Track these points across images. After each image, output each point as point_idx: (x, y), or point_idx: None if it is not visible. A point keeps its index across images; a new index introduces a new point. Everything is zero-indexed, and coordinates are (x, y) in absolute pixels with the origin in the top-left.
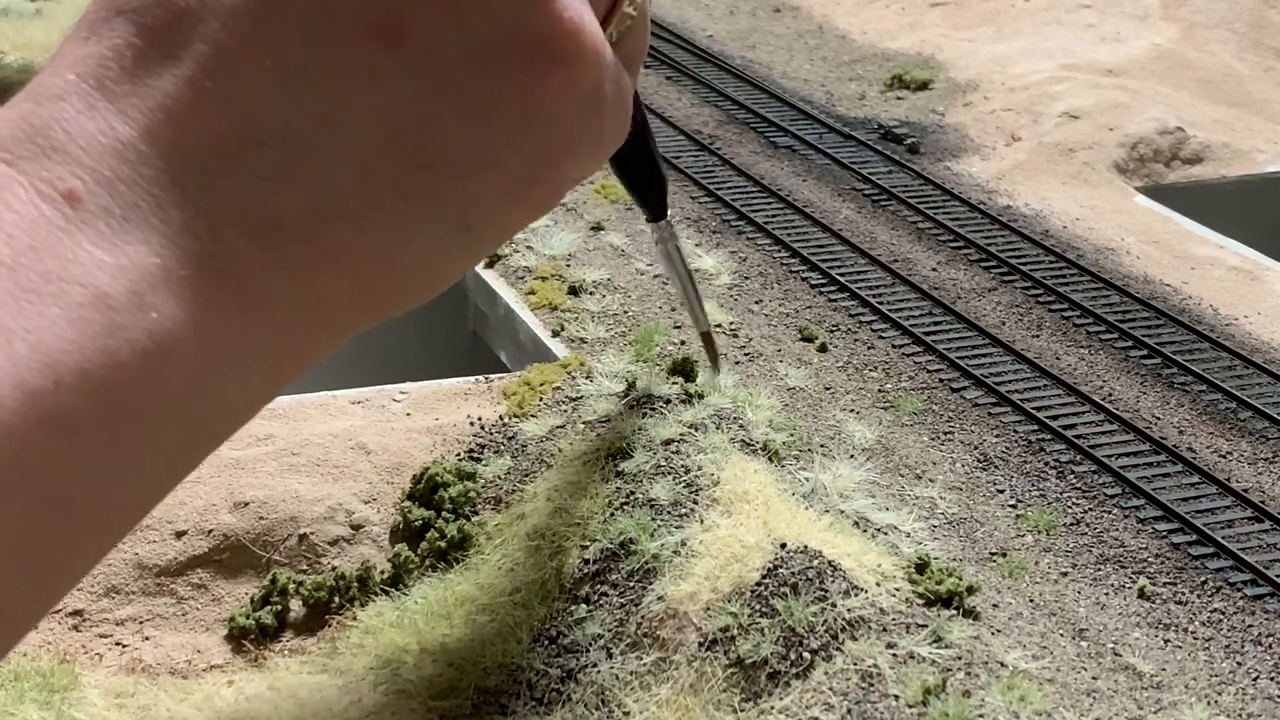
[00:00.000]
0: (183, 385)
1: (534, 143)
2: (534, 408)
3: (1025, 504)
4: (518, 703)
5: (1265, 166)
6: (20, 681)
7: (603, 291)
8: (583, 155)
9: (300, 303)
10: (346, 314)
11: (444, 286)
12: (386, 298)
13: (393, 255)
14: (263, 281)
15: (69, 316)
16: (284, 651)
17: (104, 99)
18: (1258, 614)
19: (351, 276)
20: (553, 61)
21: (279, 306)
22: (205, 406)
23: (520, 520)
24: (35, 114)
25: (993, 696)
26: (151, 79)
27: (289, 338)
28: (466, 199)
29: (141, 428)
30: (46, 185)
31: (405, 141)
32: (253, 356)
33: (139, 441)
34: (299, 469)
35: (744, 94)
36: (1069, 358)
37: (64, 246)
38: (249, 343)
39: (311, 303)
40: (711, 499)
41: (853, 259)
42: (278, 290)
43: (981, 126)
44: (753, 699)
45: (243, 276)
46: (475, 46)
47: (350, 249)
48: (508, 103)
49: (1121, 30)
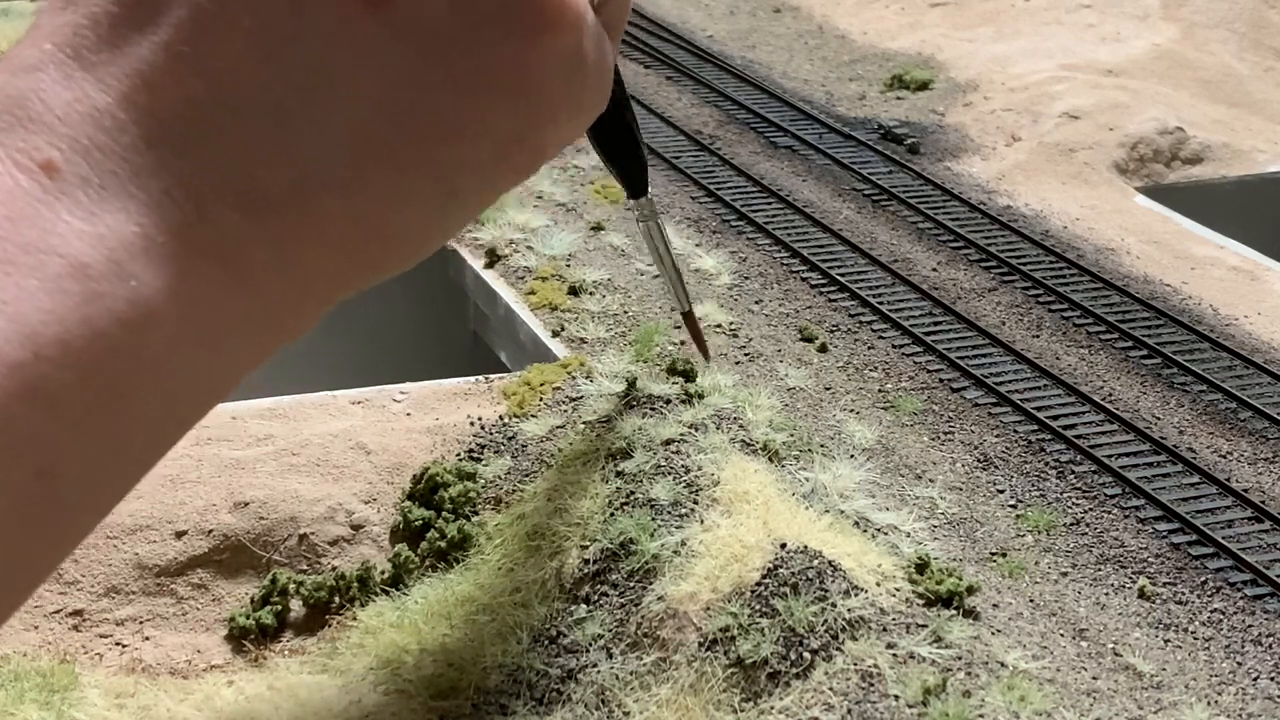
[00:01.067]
0: (164, 355)
1: (520, 107)
2: (534, 408)
3: (1025, 504)
4: (518, 703)
5: (1265, 166)
6: (20, 681)
7: (603, 292)
8: (566, 120)
9: (288, 274)
10: (333, 283)
11: (429, 252)
12: (373, 265)
13: (381, 225)
14: (250, 253)
15: (48, 288)
16: (284, 651)
17: (80, 68)
18: (1258, 614)
19: (339, 247)
20: (538, 27)
21: (266, 278)
22: (187, 378)
23: (520, 520)
24: (11, 84)
25: (993, 696)
26: (129, 46)
27: (276, 308)
28: (455, 165)
29: (123, 399)
30: (23, 156)
31: (395, 111)
32: (237, 327)
33: (121, 413)
34: (299, 469)
35: (744, 94)
36: (1069, 358)
37: (42, 217)
38: (234, 314)
39: (299, 274)
40: (711, 499)
41: (853, 259)
42: (265, 262)
43: (981, 126)
44: (753, 699)
45: (229, 249)
46: (462, 14)
47: (339, 220)
48: (495, 69)
49: (1121, 30)
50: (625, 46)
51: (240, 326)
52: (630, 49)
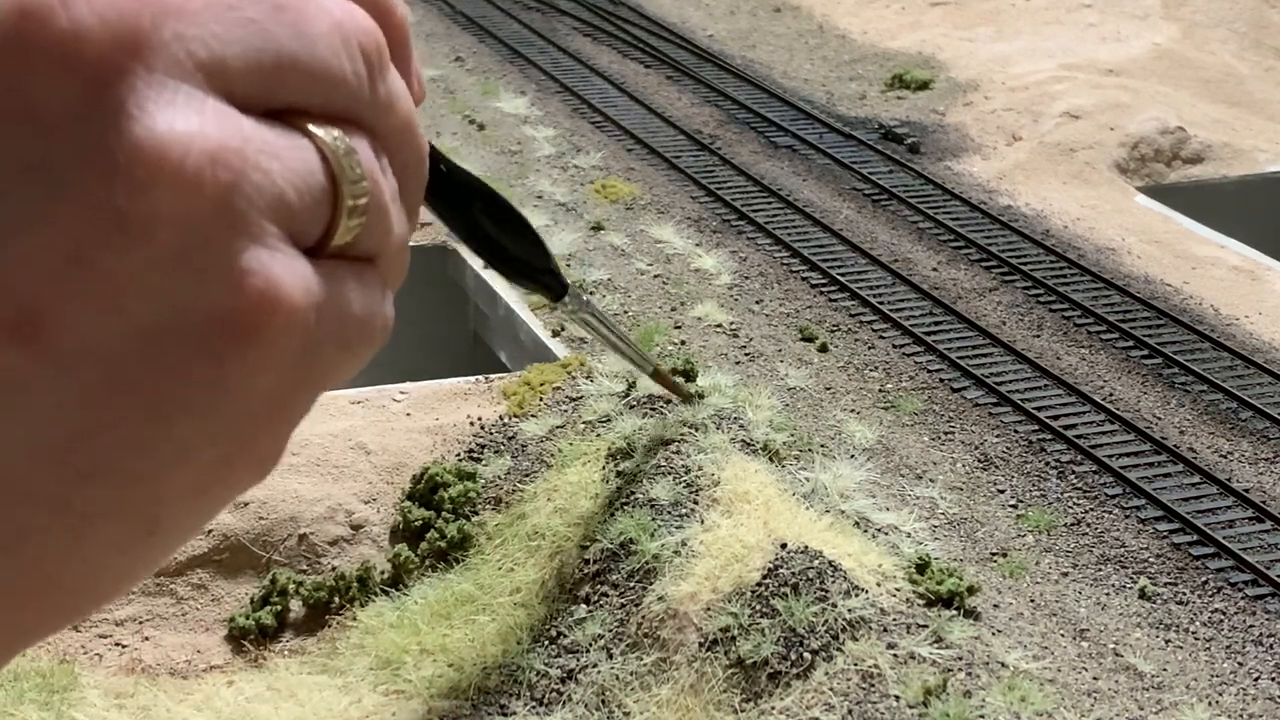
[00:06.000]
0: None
1: (225, 427)
2: (534, 408)
3: (1026, 504)
4: (518, 703)
5: (1266, 166)
6: (20, 681)
7: (603, 291)
8: (307, 403)
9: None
10: (9, 635)
11: (128, 589)
12: (60, 615)
13: (55, 577)
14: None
15: None
16: (284, 651)
17: None
18: (1259, 614)
19: (6, 603)
20: (239, 338)
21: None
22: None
23: (520, 520)
24: None
25: (993, 697)
26: None
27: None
28: (147, 502)
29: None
30: None
31: (62, 454)
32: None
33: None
34: (299, 469)
35: (744, 94)
36: (1070, 358)
37: None
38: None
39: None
40: (712, 499)
41: (853, 259)
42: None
43: (982, 126)
44: (753, 699)
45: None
46: (139, 333)
47: (5, 579)
48: (187, 394)
49: (1122, 30)
50: (625, 45)
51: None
52: (630, 49)
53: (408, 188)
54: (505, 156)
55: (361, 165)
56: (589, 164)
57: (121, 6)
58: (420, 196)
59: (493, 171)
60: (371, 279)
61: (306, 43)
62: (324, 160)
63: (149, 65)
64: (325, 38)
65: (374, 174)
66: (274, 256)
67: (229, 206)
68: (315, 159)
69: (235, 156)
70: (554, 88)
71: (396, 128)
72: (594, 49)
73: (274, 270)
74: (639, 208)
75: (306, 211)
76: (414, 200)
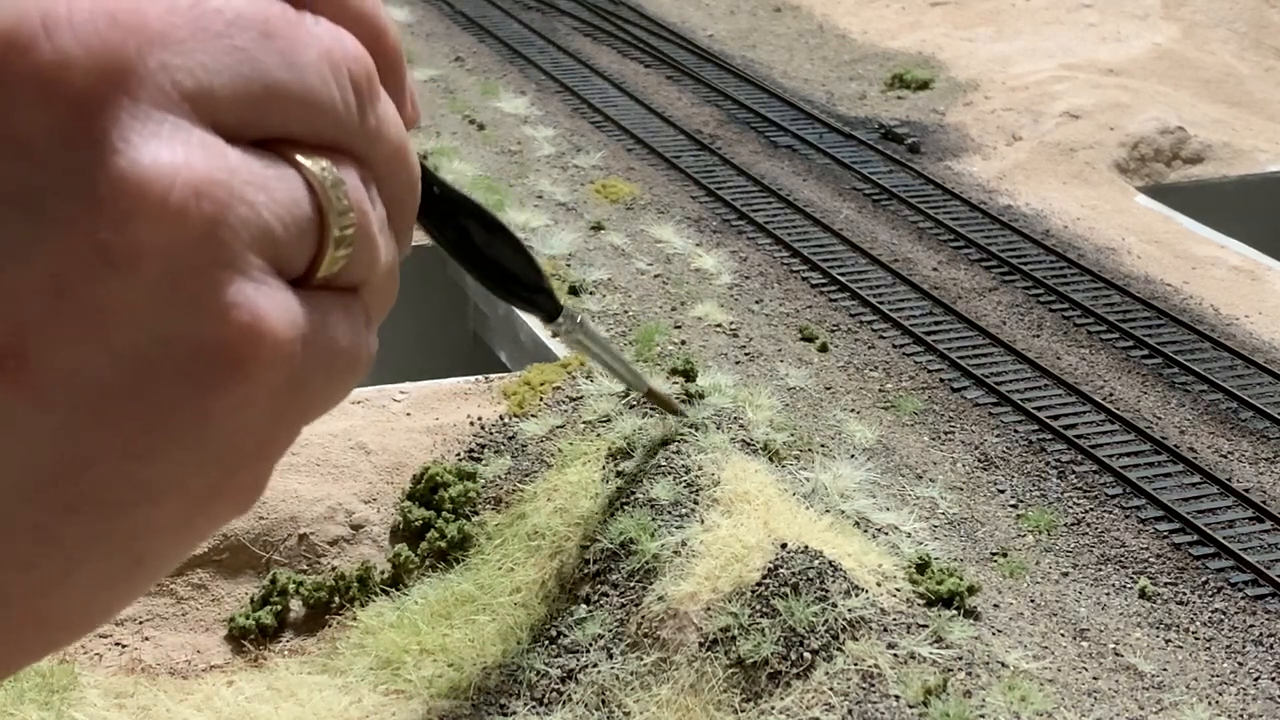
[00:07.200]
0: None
1: (211, 461)
2: (534, 408)
3: (1026, 504)
4: (518, 703)
5: (1266, 166)
6: (20, 681)
7: (603, 291)
8: (291, 433)
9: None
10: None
11: (112, 618)
12: (33, 649)
13: (42, 612)
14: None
15: None
16: (284, 651)
17: None
18: (1259, 614)
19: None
20: (224, 371)
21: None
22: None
23: (520, 520)
24: None
25: (993, 697)
26: None
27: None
28: (133, 535)
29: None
30: None
31: (47, 488)
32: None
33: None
34: (299, 469)
35: (744, 93)
36: (1070, 357)
37: None
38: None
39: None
40: (712, 499)
41: (853, 259)
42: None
43: (982, 126)
44: (753, 699)
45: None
46: (124, 364)
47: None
48: (172, 426)
49: (1122, 30)
50: (625, 45)
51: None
52: (630, 49)
53: (397, 214)
54: (505, 156)
55: (349, 196)
56: (589, 164)
57: (106, 35)
58: (411, 222)
59: (492, 171)
60: (357, 309)
61: (295, 72)
62: (311, 191)
63: (134, 96)
64: (314, 66)
65: (361, 204)
66: (259, 289)
67: (213, 239)
68: (302, 190)
69: (220, 189)
70: (554, 87)
71: (387, 155)
72: (594, 49)
73: (259, 303)
74: (639, 207)
75: (292, 243)
76: (404, 226)
